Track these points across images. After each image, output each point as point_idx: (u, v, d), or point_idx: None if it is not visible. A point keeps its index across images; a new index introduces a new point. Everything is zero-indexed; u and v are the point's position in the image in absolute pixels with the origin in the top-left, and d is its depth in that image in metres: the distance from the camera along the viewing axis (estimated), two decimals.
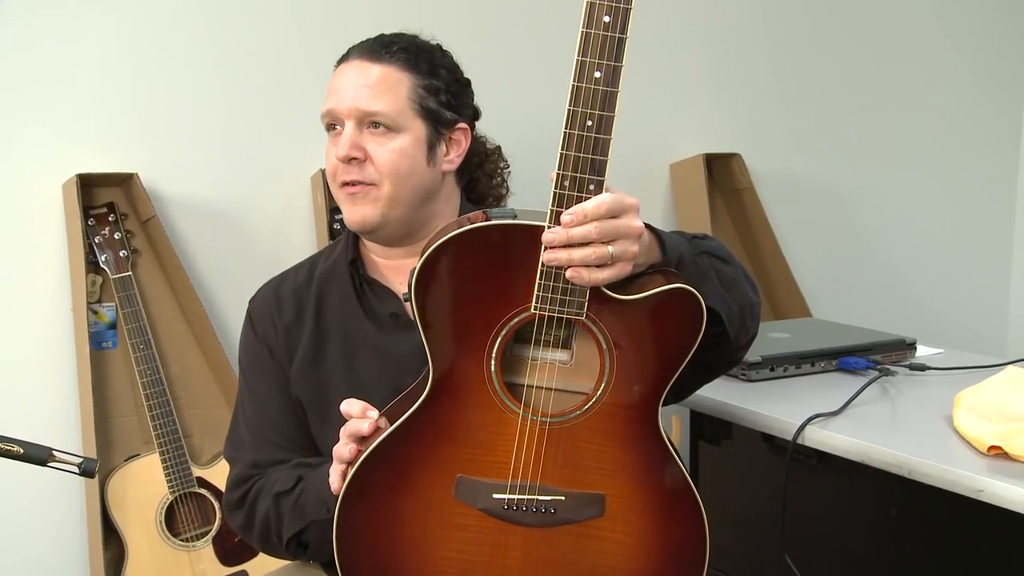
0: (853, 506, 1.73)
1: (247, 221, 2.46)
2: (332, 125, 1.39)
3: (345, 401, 1.22)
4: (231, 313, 2.42)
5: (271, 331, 1.45)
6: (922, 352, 2.01)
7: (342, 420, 1.24)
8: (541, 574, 1.18)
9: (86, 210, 2.24)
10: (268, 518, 1.39)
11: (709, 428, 1.88)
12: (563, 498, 1.16)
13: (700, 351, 1.21)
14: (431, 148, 1.39)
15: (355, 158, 1.35)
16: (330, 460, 1.26)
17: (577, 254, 1.09)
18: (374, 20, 1.66)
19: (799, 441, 1.58)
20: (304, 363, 1.42)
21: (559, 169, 1.09)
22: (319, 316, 1.44)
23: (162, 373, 2.25)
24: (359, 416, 1.21)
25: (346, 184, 1.37)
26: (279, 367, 1.44)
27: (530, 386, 1.18)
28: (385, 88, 1.35)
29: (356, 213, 1.38)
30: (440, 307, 1.14)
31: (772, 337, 2.00)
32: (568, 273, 1.10)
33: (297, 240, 2.48)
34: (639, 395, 1.15)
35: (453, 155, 1.42)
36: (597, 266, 1.09)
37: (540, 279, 1.11)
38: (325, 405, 1.40)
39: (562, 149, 1.08)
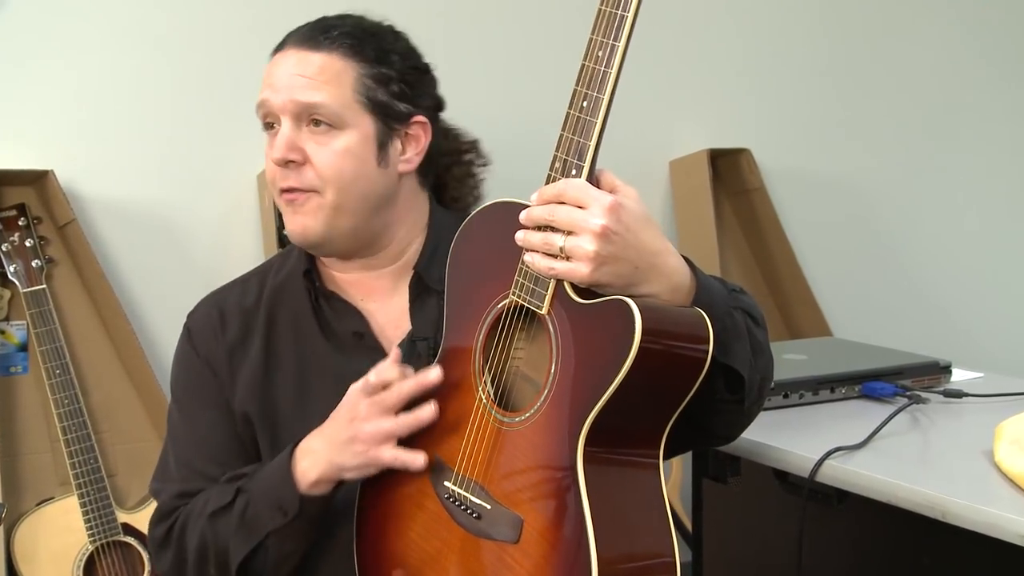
0: (879, 553, 1.73)
1: (182, 226, 2.45)
2: (269, 123, 1.39)
3: (375, 369, 1.25)
4: (163, 333, 2.41)
5: (213, 347, 1.44)
6: (958, 376, 2.01)
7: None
8: None
9: None
10: (205, 546, 1.35)
11: (714, 464, 1.88)
12: (488, 507, 1.19)
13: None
14: (382, 147, 1.38)
15: (292, 161, 1.35)
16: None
17: (532, 236, 1.17)
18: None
19: (817, 478, 1.59)
20: (249, 387, 1.42)
21: (555, 151, 1.18)
22: (269, 338, 1.43)
23: (82, 402, 2.24)
24: (399, 378, 1.24)
25: (284, 191, 1.37)
26: (220, 388, 1.43)
27: (506, 380, 1.24)
28: (326, 78, 1.34)
29: (296, 224, 1.37)
30: (455, 282, 1.30)
31: (786, 359, 2.00)
32: (525, 256, 1.18)
33: (240, 248, 2.48)
34: (568, 415, 1.16)
35: (411, 153, 1.41)
36: (560, 257, 1.15)
37: (520, 263, 1.20)
38: (273, 437, 1.39)
39: (561, 129, 1.17)
